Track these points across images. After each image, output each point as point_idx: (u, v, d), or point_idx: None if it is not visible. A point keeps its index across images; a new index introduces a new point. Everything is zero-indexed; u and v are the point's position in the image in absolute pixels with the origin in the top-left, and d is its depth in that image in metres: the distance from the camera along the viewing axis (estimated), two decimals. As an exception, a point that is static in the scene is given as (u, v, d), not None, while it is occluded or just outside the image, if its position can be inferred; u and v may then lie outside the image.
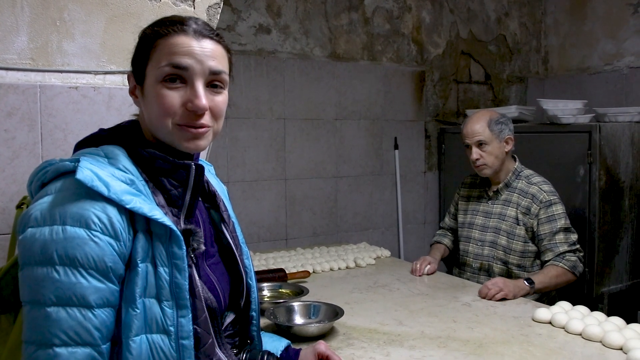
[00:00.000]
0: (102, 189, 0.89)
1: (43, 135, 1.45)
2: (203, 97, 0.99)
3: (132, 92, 1.06)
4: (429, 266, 2.34)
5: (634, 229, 3.00)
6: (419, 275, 2.31)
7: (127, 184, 0.94)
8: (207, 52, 1.00)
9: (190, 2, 1.63)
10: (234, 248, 1.17)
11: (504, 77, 4.13)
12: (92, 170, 0.90)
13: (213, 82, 1.02)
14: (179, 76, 0.99)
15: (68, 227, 0.87)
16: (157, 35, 1.01)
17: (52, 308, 0.85)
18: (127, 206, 0.90)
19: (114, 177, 0.93)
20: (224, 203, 1.20)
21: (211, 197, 1.18)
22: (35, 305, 0.87)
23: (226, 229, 1.17)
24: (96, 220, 0.88)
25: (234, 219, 1.21)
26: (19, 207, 1.22)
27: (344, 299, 1.97)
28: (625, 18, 3.67)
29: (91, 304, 0.87)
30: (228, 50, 1.07)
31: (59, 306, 0.85)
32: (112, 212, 0.90)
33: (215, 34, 1.04)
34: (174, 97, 0.98)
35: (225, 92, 1.06)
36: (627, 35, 3.66)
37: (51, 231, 0.87)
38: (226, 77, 1.04)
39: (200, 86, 0.99)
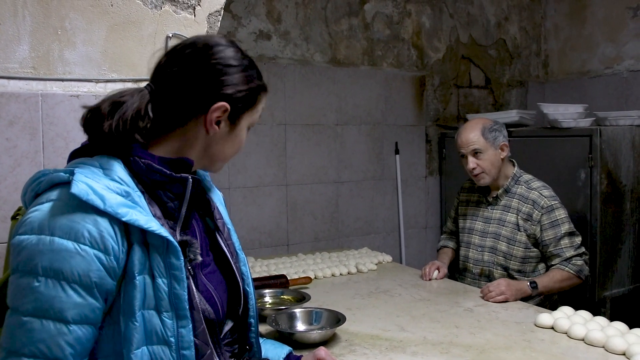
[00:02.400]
0: (98, 203, 0.88)
1: (45, 144, 1.45)
2: None
3: (212, 122, 1.03)
4: (437, 271, 2.34)
5: (636, 233, 3.00)
6: (428, 280, 2.31)
7: (123, 196, 0.93)
8: None
9: (191, 10, 1.64)
10: (229, 256, 1.16)
11: (504, 81, 4.13)
12: (87, 184, 0.89)
13: None
14: None
15: (56, 239, 0.86)
16: (261, 88, 1.09)
17: (28, 318, 0.85)
18: (124, 219, 0.90)
19: (109, 189, 0.92)
20: (218, 210, 1.19)
21: (205, 205, 1.17)
22: (14, 312, 0.87)
23: (221, 237, 1.16)
24: (86, 233, 0.87)
25: (229, 225, 1.20)
26: (14, 218, 1.22)
27: (345, 305, 1.97)
28: (625, 21, 3.67)
29: (67, 319, 0.86)
30: None
31: (35, 317, 0.85)
32: (104, 225, 0.89)
33: None
34: None
35: None
36: (627, 38, 3.66)
37: (39, 241, 0.87)
38: None
39: None
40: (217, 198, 1.23)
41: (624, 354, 1.50)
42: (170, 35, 1.61)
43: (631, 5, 3.63)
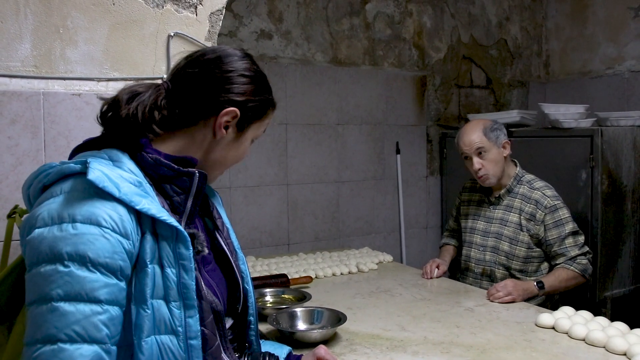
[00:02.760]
0: (113, 190, 0.89)
1: (46, 142, 1.45)
2: None
3: (221, 125, 1.07)
4: (437, 269, 2.36)
5: (637, 233, 3.00)
6: (430, 278, 2.32)
7: (136, 186, 0.95)
8: None
9: (193, 9, 1.64)
10: (229, 254, 1.17)
11: (505, 81, 4.13)
12: (102, 172, 0.90)
13: None
14: None
15: (78, 224, 0.87)
16: (271, 104, 1.16)
17: (60, 303, 0.84)
18: (137, 207, 0.91)
19: (123, 178, 0.93)
20: (217, 210, 1.21)
21: (204, 205, 1.19)
22: (42, 302, 0.85)
23: (220, 236, 1.18)
24: (107, 218, 0.88)
25: (228, 225, 1.22)
26: (10, 216, 1.22)
27: (346, 304, 1.97)
28: (626, 22, 3.67)
29: (100, 299, 0.86)
30: None
31: (67, 301, 0.84)
32: (123, 211, 0.90)
33: None
34: None
35: None
36: (628, 39, 3.66)
37: (60, 229, 0.86)
38: None
39: None
40: (215, 199, 1.25)
41: (624, 354, 1.50)
42: (172, 34, 1.61)
43: (632, 5, 3.62)
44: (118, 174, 0.93)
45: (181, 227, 0.95)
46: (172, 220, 0.94)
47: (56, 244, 0.86)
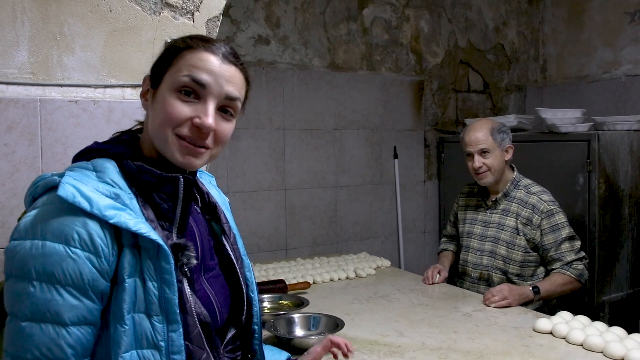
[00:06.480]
0: (85, 205, 0.88)
1: (43, 149, 1.45)
2: (212, 117, 0.98)
3: (143, 95, 1.05)
4: (438, 275, 2.37)
5: (634, 237, 3.00)
6: (431, 284, 2.32)
7: (112, 198, 0.93)
8: (227, 76, 1.00)
9: (190, 16, 1.64)
10: (234, 260, 1.15)
11: (502, 85, 4.14)
12: (74, 186, 0.89)
13: (225, 108, 1.02)
14: (195, 91, 0.98)
15: (47, 243, 0.87)
16: (186, 46, 1.01)
17: (26, 323, 0.86)
18: (111, 221, 0.89)
19: (98, 191, 0.92)
20: (224, 215, 1.18)
21: (212, 208, 1.16)
22: (13, 318, 0.88)
23: (227, 241, 1.15)
24: (76, 236, 0.88)
25: (235, 230, 1.19)
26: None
27: (344, 309, 1.97)
28: (622, 26, 3.68)
29: (65, 321, 0.87)
30: (248, 82, 1.07)
31: (33, 322, 0.86)
32: (94, 227, 0.89)
33: (240, 63, 1.04)
34: (183, 108, 0.98)
35: (234, 122, 1.05)
36: (624, 43, 3.68)
37: (31, 245, 0.87)
38: (239, 105, 1.04)
39: (212, 106, 0.99)
40: (223, 202, 1.22)
41: (622, 360, 1.50)
42: (169, 40, 1.61)
43: (629, 10, 3.64)
44: (93, 187, 0.92)
45: (161, 241, 0.93)
46: (150, 233, 0.92)
47: (26, 262, 0.87)
